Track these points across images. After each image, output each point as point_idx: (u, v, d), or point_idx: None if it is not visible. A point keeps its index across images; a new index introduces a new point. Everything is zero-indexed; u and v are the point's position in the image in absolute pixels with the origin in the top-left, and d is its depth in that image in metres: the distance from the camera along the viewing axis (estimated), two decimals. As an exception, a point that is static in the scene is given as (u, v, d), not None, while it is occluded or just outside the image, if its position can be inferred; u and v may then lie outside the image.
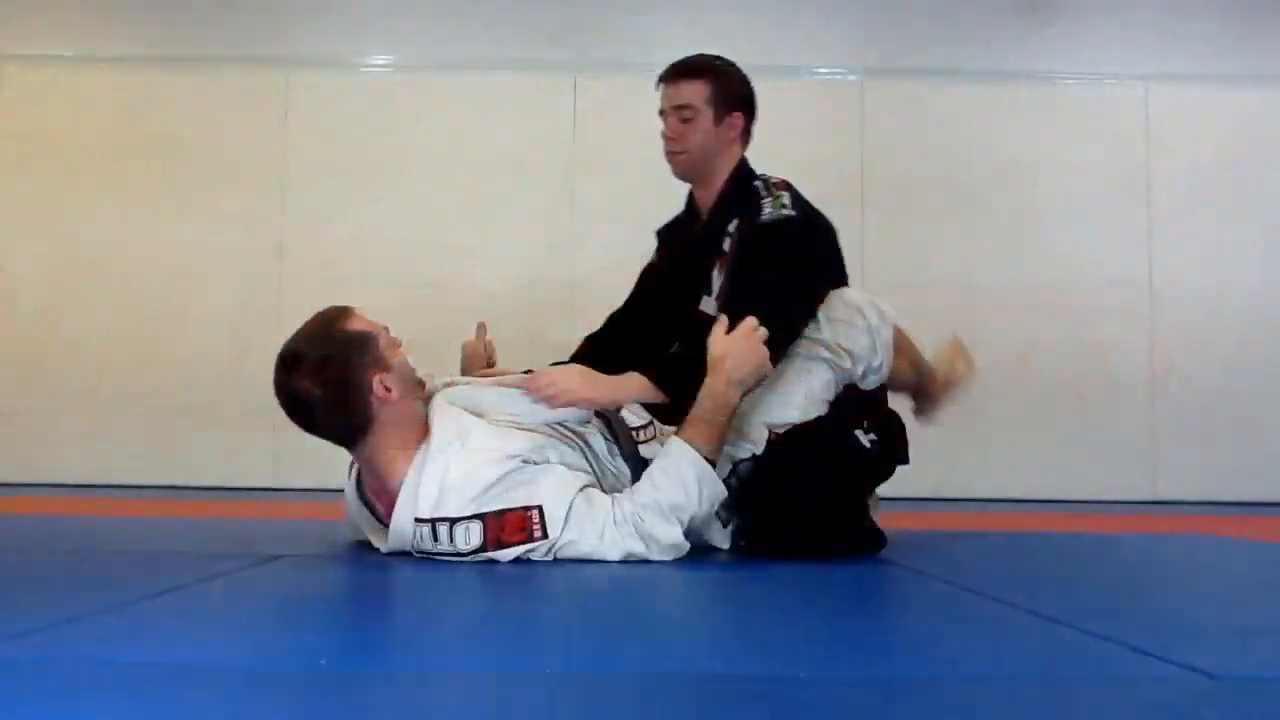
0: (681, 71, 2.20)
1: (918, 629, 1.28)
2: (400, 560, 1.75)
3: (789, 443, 1.94)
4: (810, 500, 1.87)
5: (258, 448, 4.41)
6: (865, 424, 1.97)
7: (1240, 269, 4.74)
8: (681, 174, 2.24)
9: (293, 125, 4.75)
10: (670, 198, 2.28)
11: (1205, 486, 4.62)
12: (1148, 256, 4.74)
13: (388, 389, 1.76)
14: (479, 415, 1.85)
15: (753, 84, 2.27)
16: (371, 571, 1.68)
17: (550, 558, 1.71)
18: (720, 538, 1.96)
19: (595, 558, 1.71)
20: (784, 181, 2.16)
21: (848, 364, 1.98)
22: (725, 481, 1.92)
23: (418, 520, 1.70)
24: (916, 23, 4.84)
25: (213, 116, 4.75)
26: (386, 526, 1.81)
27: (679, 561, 1.74)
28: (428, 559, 1.74)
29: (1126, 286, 4.73)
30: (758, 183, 2.14)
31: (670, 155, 2.21)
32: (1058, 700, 0.86)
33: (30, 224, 4.70)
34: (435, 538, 1.70)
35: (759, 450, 1.94)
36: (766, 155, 5.30)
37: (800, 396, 1.97)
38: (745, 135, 2.24)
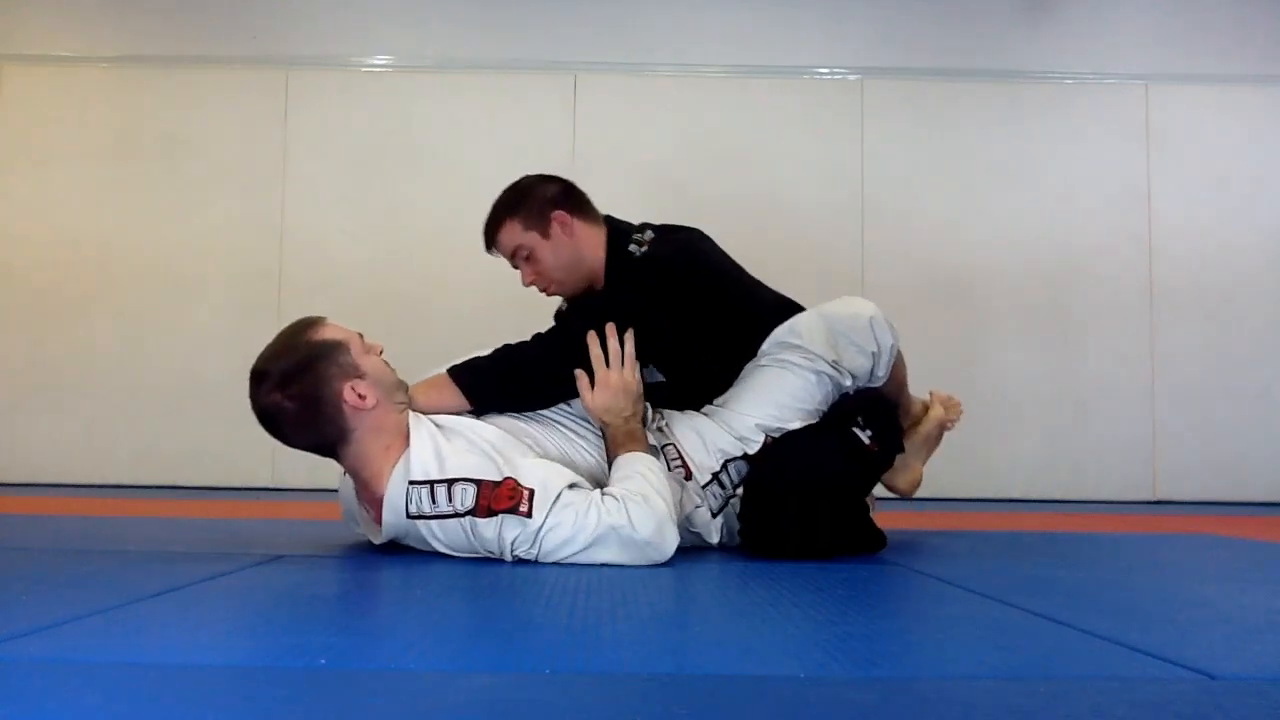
0: (490, 232, 2.14)
1: (918, 629, 1.28)
2: (400, 560, 1.75)
3: (786, 442, 1.95)
4: (810, 498, 1.87)
5: (257, 448, 4.40)
6: (861, 420, 1.98)
7: (1240, 269, 4.74)
8: (570, 295, 2.19)
9: (293, 125, 4.75)
10: (670, 198, 2.29)
11: (1205, 486, 4.62)
12: (1148, 256, 4.74)
13: (361, 396, 1.74)
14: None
15: (559, 179, 2.18)
16: (371, 571, 1.68)
17: (534, 551, 1.70)
18: (709, 530, 1.97)
19: (578, 541, 1.68)
20: (654, 238, 2.08)
21: (848, 382, 2.03)
22: (717, 476, 1.95)
23: (413, 483, 1.71)
24: (916, 23, 4.84)
25: (213, 116, 4.76)
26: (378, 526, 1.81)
27: (678, 561, 1.74)
28: (426, 556, 1.75)
29: (1126, 286, 4.73)
30: (631, 247, 2.08)
31: (547, 293, 2.17)
32: (1058, 700, 0.86)
33: (30, 223, 4.70)
34: (434, 499, 1.70)
35: (751, 450, 1.96)
36: (767, 155, 5.31)
37: (799, 408, 1.99)
38: (584, 216, 2.14)
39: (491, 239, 2.15)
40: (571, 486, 1.73)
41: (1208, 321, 4.72)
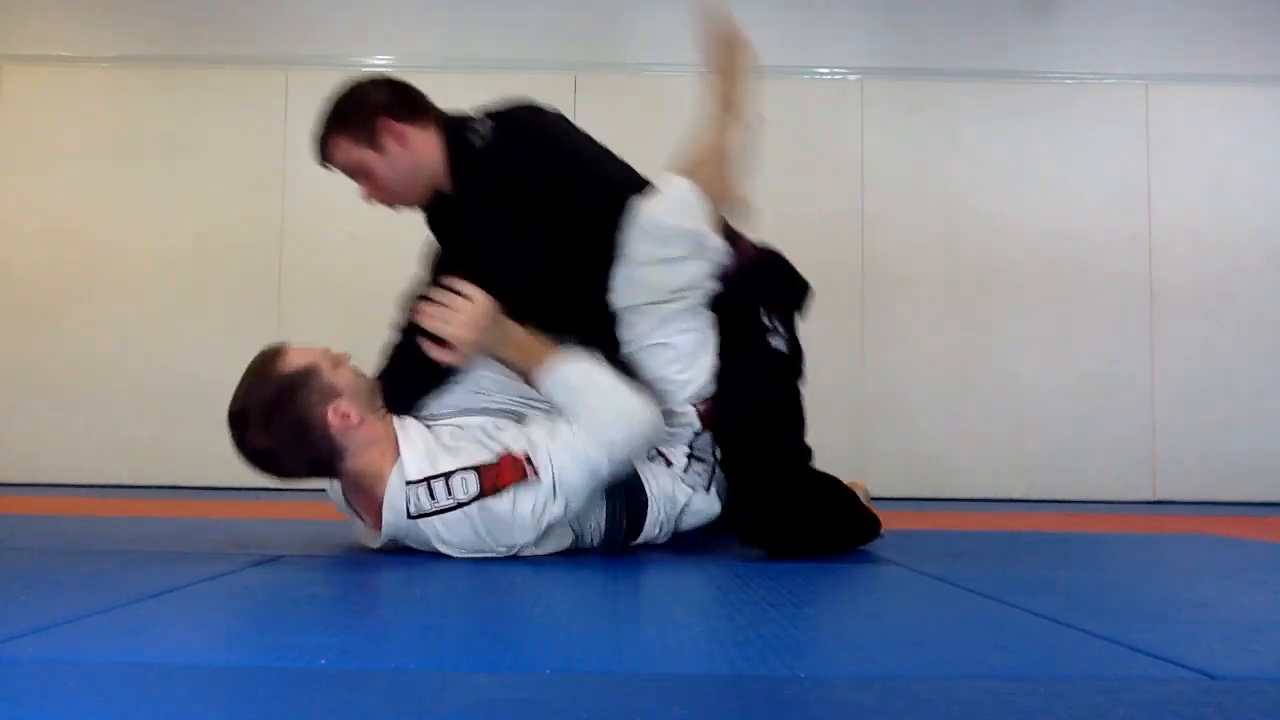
0: (320, 150, 2.00)
1: (917, 629, 1.28)
2: (400, 560, 1.75)
3: (722, 399, 1.91)
4: (775, 430, 1.87)
5: (258, 448, 4.41)
6: (766, 315, 1.93)
7: (1240, 269, 4.74)
8: (415, 206, 2.08)
9: (293, 124, 4.75)
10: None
11: (1205, 486, 4.62)
12: (1147, 257, 4.74)
13: (345, 414, 1.72)
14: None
15: (385, 81, 2.05)
16: (371, 571, 1.67)
17: (559, 506, 1.70)
18: (710, 505, 1.94)
19: (595, 478, 1.72)
20: (495, 126, 1.96)
21: (713, 285, 1.94)
22: (690, 456, 1.93)
23: (410, 483, 1.70)
24: (916, 23, 4.84)
25: (213, 116, 4.75)
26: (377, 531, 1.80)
27: (677, 561, 1.74)
28: (426, 556, 1.74)
29: (1126, 285, 4.73)
30: (473, 138, 1.95)
31: (391, 207, 2.06)
32: (1058, 700, 0.86)
33: (30, 223, 4.70)
34: (432, 495, 1.69)
35: (698, 426, 1.93)
36: (768, 155, 5.31)
37: (698, 346, 1.92)
38: (416, 119, 1.98)
39: (323, 157, 2.01)
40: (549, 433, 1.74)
41: (1207, 321, 4.72)
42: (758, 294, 1.98)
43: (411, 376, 1.96)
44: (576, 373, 1.80)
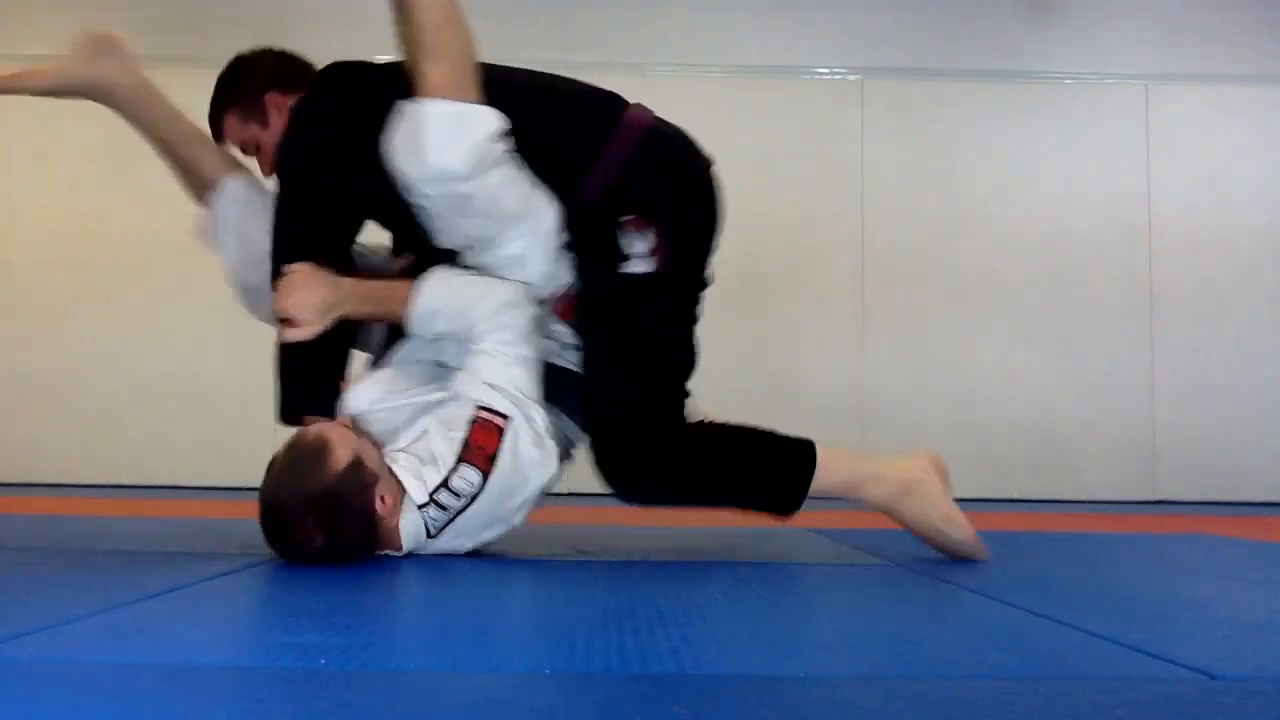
0: (213, 124, 2.01)
1: (917, 629, 1.28)
2: (400, 560, 1.74)
3: (584, 331, 1.83)
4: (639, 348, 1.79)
5: (257, 448, 4.39)
6: (620, 230, 1.79)
7: (1240, 269, 4.74)
8: None
9: (293, 125, 4.75)
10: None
11: (1205, 486, 4.62)
12: (1148, 256, 4.74)
13: (384, 499, 1.67)
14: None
15: (270, 53, 2.05)
16: (372, 571, 1.67)
17: (539, 412, 1.71)
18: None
19: (532, 364, 1.74)
20: (322, 73, 1.89)
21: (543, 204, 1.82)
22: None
23: (420, 507, 1.69)
24: (916, 23, 4.84)
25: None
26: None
27: (677, 561, 1.74)
28: (425, 556, 1.74)
29: (1126, 285, 4.73)
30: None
31: None
32: (1058, 700, 0.86)
33: (30, 223, 4.70)
34: (443, 507, 1.68)
35: (558, 320, 1.87)
36: (768, 155, 5.30)
37: (546, 252, 1.82)
38: (298, 89, 1.93)
39: (216, 132, 2.02)
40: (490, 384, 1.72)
41: (1207, 321, 4.72)
42: (624, 204, 1.81)
43: (310, 371, 1.90)
44: (434, 295, 1.78)
